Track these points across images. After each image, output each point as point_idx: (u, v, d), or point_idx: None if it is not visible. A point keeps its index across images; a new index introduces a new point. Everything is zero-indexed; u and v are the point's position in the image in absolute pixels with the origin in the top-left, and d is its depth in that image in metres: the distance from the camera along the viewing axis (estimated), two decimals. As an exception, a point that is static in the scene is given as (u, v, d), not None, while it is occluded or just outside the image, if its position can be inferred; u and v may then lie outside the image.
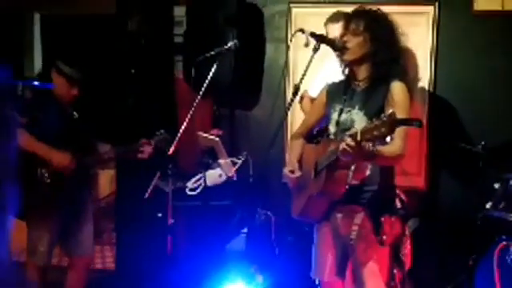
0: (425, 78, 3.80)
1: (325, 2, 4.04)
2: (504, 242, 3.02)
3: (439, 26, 3.81)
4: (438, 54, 3.82)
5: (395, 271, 2.90)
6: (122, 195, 4.46)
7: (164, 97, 4.31)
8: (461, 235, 3.64)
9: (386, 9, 2.77)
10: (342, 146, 2.25)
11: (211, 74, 3.09)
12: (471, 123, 3.78)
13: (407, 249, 2.80)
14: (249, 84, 4.08)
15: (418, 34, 3.75)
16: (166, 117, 4.18)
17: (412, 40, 2.69)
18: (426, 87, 3.80)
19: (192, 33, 4.08)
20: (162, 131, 3.50)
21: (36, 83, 3.12)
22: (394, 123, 2.06)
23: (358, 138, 2.17)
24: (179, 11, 4.21)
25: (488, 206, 3.34)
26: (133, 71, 4.28)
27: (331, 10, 3.89)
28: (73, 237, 3.44)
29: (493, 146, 3.44)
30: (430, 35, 3.83)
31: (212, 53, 3.18)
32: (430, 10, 3.85)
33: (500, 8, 3.70)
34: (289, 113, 4.03)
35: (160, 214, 3.41)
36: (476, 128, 3.74)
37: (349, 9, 3.57)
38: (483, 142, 3.44)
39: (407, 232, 2.76)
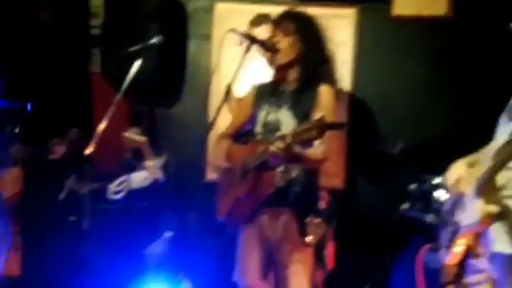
0: (345, 79, 3.86)
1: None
2: (428, 245, 3.12)
3: (360, 29, 3.89)
4: (358, 57, 3.90)
5: (318, 272, 2.93)
6: (30, 197, 4.17)
7: (78, 92, 4.08)
8: (378, 235, 3.74)
9: (308, 11, 2.78)
10: (272, 148, 2.24)
11: (135, 69, 2.96)
12: (389, 125, 3.89)
13: (330, 249, 2.83)
14: (170, 81, 3.97)
15: (339, 36, 3.80)
16: (81, 114, 3.96)
17: (334, 42, 2.72)
18: (347, 89, 3.86)
19: (110, 25, 3.91)
20: (75, 130, 3.31)
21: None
22: (323, 127, 2.08)
23: (288, 140, 2.16)
24: (96, 2, 4.02)
25: (404, 206, 3.44)
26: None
27: (256, 7, 3.89)
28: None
29: (410, 147, 3.55)
30: (351, 38, 3.90)
31: (136, 48, 3.05)
32: (351, 13, 3.92)
33: (417, 13, 3.84)
34: (210, 111, 3.98)
35: (73, 218, 3.22)
36: (394, 130, 3.85)
37: (272, 9, 3.60)
38: (400, 144, 3.54)
39: (330, 233, 2.79)
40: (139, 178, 3.44)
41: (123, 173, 3.49)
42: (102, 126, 2.88)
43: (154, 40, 3.13)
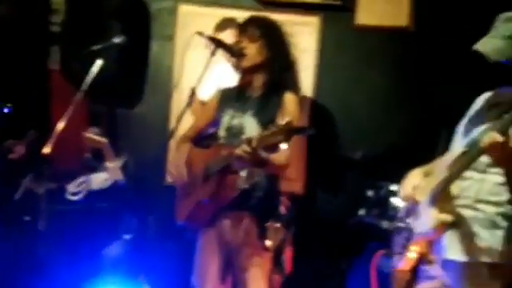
0: (307, 86, 3.90)
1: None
2: (382, 250, 3.18)
3: (323, 37, 3.94)
4: (320, 65, 3.94)
5: (276, 276, 2.95)
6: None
7: (37, 90, 3.99)
8: (335, 240, 3.79)
9: (272, 16, 2.80)
10: (238, 151, 2.24)
11: (96, 68, 2.92)
12: (349, 132, 3.95)
13: (288, 254, 2.86)
14: (132, 81, 3.93)
15: (302, 43, 3.83)
16: (39, 112, 3.88)
17: (297, 49, 2.76)
18: (308, 96, 3.90)
19: (71, 23, 3.84)
20: (33, 131, 3.24)
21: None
22: (290, 131, 2.09)
23: (254, 144, 2.16)
24: (58, -1, 3.96)
25: (361, 212, 3.50)
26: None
27: (219, 11, 3.89)
28: None
29: (368, 155, 3.62)
30: (314, 46, 3.95)
31: (99, 46, 3.01)
32: (314, 20, 3.97)
33: (379, 23, 3.92)
34: (172, 113, 3.97)
35: (28, 218, 3.15)
36: (353, 137, 3.92)
37: (236, 13, 3.62)
38: (359, 151, 3.61)
39: (289, 238, 2.82)
40: (99, 179, 3.39)
41: (83, 173, 3.43)
42: (60, 125, 2.83)
43: (116, 39, 3.10)
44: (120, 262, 3.49)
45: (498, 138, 1.85)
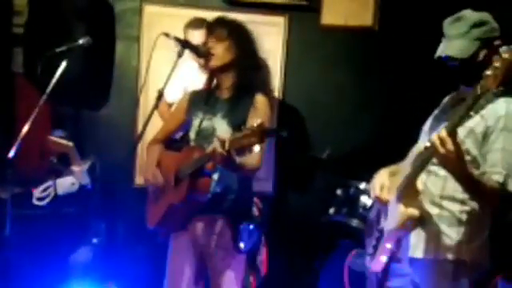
0: (275, 86, 3.91)
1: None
2: (355, 250, 3.22)
3: (289, 37, 3.96)
4: (287, 64, 3.96)
5: (251, 278, 2.95)
6: None
7: (0, 93, 3.89)
8: (306, 239, 3.82)
9: (239, 17, 2.80)
10: (210, 148, 2.24)
11: (60, 70, 2.87)
12: (317, 132, 3.99)
13: (263, 256, 2.86)
14: (97, 83, 3.86)
15: (269, 43, 3.84)
16: (3, 116, 3.78)
17: (264, 49, 2.76)
18: (276, 95, 3.92)
19: (34, 24, 3.74)
20: None
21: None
22: (263, 133, 2.08)
23: (227, 146, 2.15)
24: (21, 0, 3.85)
25: (331, 211, 3.53)
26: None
27: (185, 11, 3.87)
28: None
29: (337, 153, 3.65)
30: (281, 45, 3.97)
31: (63, 48, 2.95)
32: (281, 21, 3.98)
33: (344, 23, 3.96)
34: (139, 114, 3.93)
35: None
36: (321, 136, 3.95)
37: (201, 13, 3.60)
38: (328, 150, 3.63)
39: (263, 239, 2.82)
40: (65, 184, 3.32)
41: (48, 178, 3.36)
42: (25, 128, 2.77)
43: (81, 41, 3.05)
44: (88, 267, 3.44)
45: (444, 136, 1.83)
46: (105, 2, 3.93)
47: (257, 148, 2.09)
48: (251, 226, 2.60)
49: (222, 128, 2.54)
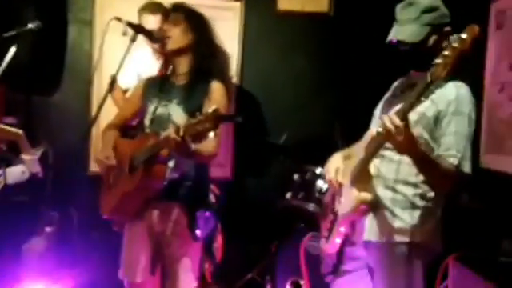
0: (232, 72, 3.89)
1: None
2: (311, 233, 3.25)
3: (246, 22, 3.95)
4: (244, 50, 3.95)
5: (207, 265, 2.95)
6: None
7: None
8: (263, 223, 3.85)
9: (195, 1, 2.76)
10: (164, 138, 2.21)
11: (9, 56, 2.78)
12: (274, 117, 4.00)
13: (219, 242, 2.85)
14: (49, 68, 3.76)
15: (225, 28, 3.81)
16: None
17: (220, 34, 2.74)
18: (233, 81, 3.90)
19: (-19, 7, 3.61)
20: None
21: None
22: (218, 119, 2.07)
23: (182, 133, 2.13)
24: (-34, -19, 3.70)
25: (288, 195, 3.56)
26: None
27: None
28: None
29: (294, 139, 3.68)
30: (238, 31, 3.95)
31: (12, 33, 2.85)
32: (237, 5, 3.96)
33: (301, 9, 3.97)
34: (93, 100, 3.86)
35: None
36: (278, 122, 3.97)
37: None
38: (284, 136, 3.65)
39: (219, 226, 2.81)
40: (15, 173, 3.22)
41: (-2, 166, 3.25)
42: (-28, 115, 2.68)
43: (31, 25, 2.95)
44: (42, 256, 3.37)
45: (397, 122, 1.84)
46: (55, -15, 3.82)
47: (211, 134, 2.08)
48: (207, 213, 2.58)
49: (177, 114, 2.52)
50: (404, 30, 2.11)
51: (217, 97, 2.52)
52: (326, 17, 3.98)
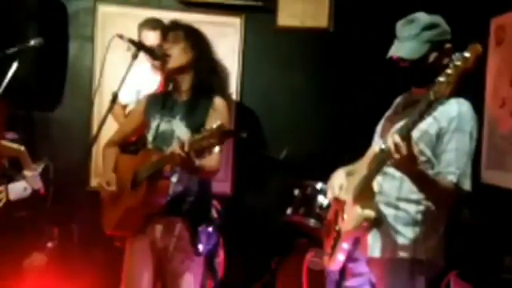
0: (232, 87, 3.91)
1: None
2: (313, 250, 3.25)
3: (246, 38, 3.97)
4: (244, 65, 3.97)
5: (208, 281, 2.94)
6: None
7: None
8: (264, 239, 3.84)
9: (194, 17, 2.78)
10: (169, 153, 2.21)
11: (12, 72, 2.80)
12: (274, 133, 4.01)
13: (221, 257, 2.85)
14: (50, 83, 3.79)
15: (225, 44, 3.86)
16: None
17: (220, 50, 2.77)
18: (233, 97, 3.92)
19: (-16, 25, 3.63)
20: None
21: None
22: (223, 134, 2.08)
23: (187, 148, 2.13)
24: (-31, -2, 3.73)
25: (288, 211, 3.55)
26: None
27: (140, 11, 3.83)
28: None
29: (294, 154, 3.68)
30: (237, 46, 3.97)
31: (14, 49, 2.88)
32: (237, 21, 3.99)
33: (300, 24, 4.00)
34: (94, 116, 3.87)
35: None
36: (278, 137, 3.98)
37: (156, 13, 3.57)
38: (285, 151, 3.66)
39: (221, 241, 2.81)
40: (18, 189, 3.22)
41: (0, 183, 3.25)
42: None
43: (32, 41, 2.98)
44: (43, 272, 3.36)
45: (399, 141, 1.85)
46: (57, 2, 3.86)
47: (216, 150, 2.08)
48: (210, 229, 2.59)
49: (180, 130, 2.53)
50: (404, 47, 2.13)
51: (220, 112, 2.54)
52: (326, 32, 4.01)
